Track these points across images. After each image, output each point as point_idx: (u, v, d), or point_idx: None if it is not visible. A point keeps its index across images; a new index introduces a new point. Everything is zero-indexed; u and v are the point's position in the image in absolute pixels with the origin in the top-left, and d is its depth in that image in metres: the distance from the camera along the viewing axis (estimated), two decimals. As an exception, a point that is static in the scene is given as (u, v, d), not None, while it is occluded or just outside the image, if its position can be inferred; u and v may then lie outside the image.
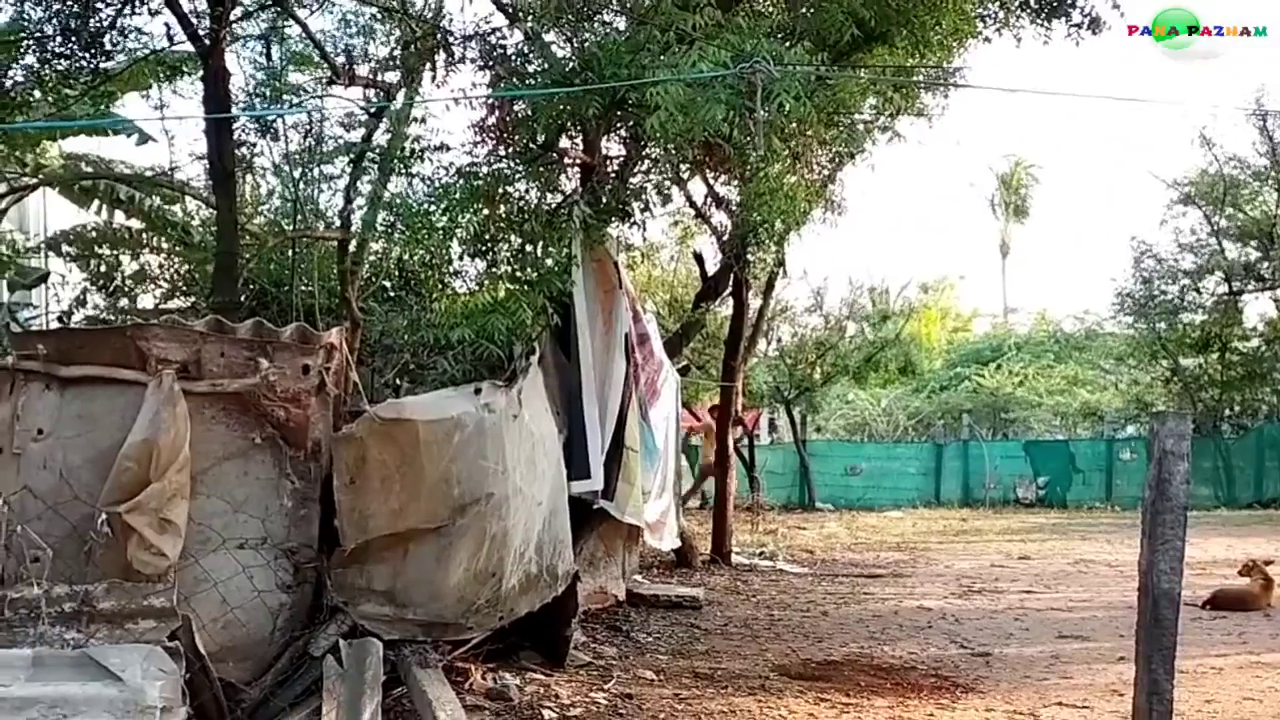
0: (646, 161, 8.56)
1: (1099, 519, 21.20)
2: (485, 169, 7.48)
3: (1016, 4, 9.47)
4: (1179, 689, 4.43)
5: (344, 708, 4.96)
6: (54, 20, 8.14)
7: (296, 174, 8.56)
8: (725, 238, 12.16)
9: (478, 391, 5.65)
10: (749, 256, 12.23)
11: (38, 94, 9.12)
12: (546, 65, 7.27)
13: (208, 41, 7.74)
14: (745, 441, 19.91)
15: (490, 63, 7.60)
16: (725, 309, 15.74)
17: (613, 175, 7.92)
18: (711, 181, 11.55)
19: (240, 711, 5.00)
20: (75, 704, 4.17)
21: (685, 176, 10.98)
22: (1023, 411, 31.53)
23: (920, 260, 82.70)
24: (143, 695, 4.21)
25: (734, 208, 11.25)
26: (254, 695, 5.11)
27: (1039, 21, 9.28)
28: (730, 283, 13.12)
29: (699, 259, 13.85)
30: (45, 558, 4.69)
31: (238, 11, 8.21)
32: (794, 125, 7.92)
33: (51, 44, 8.25)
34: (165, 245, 10.88)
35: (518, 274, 7.35)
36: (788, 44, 6.65)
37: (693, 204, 12.32)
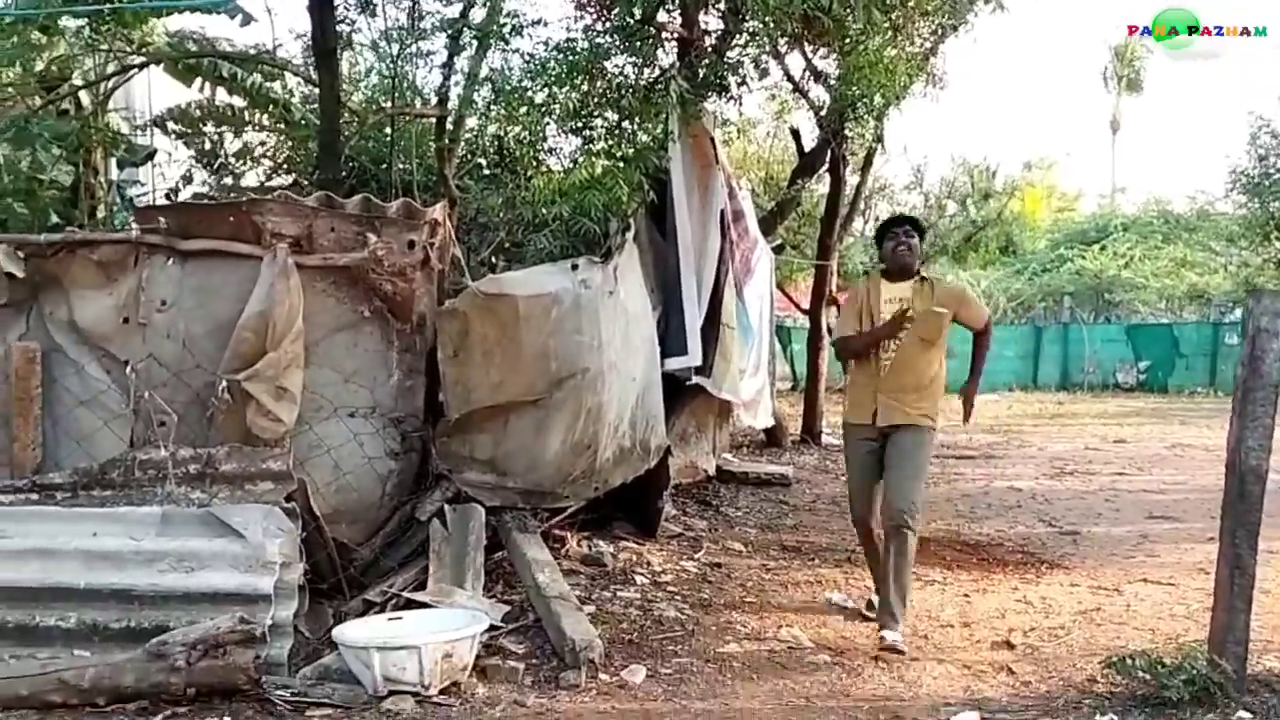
0: (744, 35, 8.37)
1: (1200, 404, 20.78)
2: (582, 44, 7.43)
3: None
4: (1263, 568, 4.42)
5: (448, 568, 5.23)
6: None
7: (395, 50, 8.60)
8: (823, 113, 11.87)
9: (575, 268, 5.71)
10: (847, 132, 11.95)
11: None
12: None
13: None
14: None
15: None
16: (821, 186, 15.49)
17: (710, 49, 7.80)
18: (810, 55, 11.26)
19: (352, 569, 5.27)
20: (201, 558, 4.48)
21: (783, 50, 10.71)
22: (1126, 294, 30.69)
23: (1025, 137, 79.95)
24: (263, 551, 4.49)
25: (832, 82, 10.97)
26: (365, 555, 5.39)
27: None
28: (827, 159, 12.87)
29: (795, 135, 13.54)
30: (171, 422, 4.97)
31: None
32: (896, -4, 7.70)
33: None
34: (267, 123, 11.07)
35: (614, 150, 7.34)
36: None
37: (790, 78, 12.01)
